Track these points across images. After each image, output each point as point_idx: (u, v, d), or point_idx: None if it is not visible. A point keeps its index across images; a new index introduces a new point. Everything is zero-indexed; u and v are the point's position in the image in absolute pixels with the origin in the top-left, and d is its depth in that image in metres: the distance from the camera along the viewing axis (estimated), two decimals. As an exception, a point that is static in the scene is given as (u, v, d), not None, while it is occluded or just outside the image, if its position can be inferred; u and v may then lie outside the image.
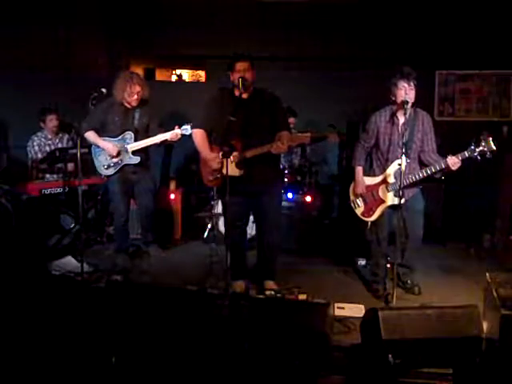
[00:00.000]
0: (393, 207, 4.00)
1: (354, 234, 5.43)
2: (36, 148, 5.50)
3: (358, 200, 4.19)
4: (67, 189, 5.11)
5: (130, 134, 4.63)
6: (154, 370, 2.88)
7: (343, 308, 3.67)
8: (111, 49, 6.75)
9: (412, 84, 3.81)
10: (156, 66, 6.93)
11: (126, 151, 4.62)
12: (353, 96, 6.12)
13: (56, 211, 5.32)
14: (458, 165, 3.71)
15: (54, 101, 5.76)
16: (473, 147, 3.66)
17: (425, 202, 4.09)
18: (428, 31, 6.05)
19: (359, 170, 4.16)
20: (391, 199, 3.97)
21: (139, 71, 7.00)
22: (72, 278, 4.14)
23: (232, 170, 3.62)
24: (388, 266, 4.08)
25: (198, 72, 7.23)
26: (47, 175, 5.26)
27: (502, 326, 2.81)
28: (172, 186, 5.87)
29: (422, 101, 4.06)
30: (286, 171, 5.53)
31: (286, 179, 5.47)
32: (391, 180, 3.97)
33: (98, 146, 4.66)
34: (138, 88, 4.56)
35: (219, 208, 5.37)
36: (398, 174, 3.71)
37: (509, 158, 5.20)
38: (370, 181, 4.13)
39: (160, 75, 7.97)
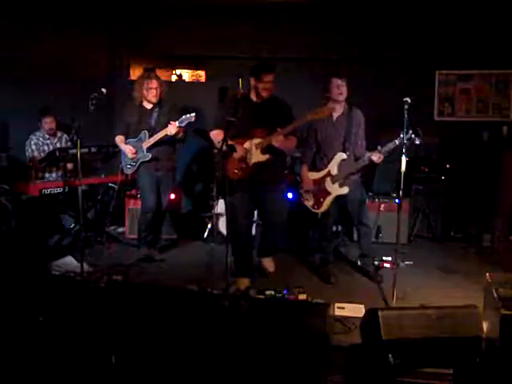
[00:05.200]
0: (338, 198, 4.31)
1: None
2: (33, 147, 5.51)
3: (307, 194, 4.44)
4: (67, 189, 5.11)
5: (144, 133, 4.74)
6: (154, 369, 2.87)
7: (343, 308, 3.67)
8: (111, 49, 6.75)
9: (343, 80, 4.13)
10: (156, 66, 6.93)
11: (141, 149, 4.74)
12: (352, 96, 6.11)
13: (56, 211, 5.32)
14: (381, 159, 4.08)
15: (54, 101, 5.76)
16: (394, 140, 3.98)
17: (365, 193, 4.53)
18: (428, 31, 6.04)
19: (303, 167, 4.48)
20: (336, 190, 4.27)
21: (139, 71, 6.99)
22: (72, 277, 4.14)
23: (258, 156, 3.94)
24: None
25: (197, 72, 7.22)
26: (46, 174, 5.28)
27: (501, 326, 2.81)
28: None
29: (422, 101, 4.08)
30: (286, 171, 5.51)
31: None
32: (334, 172, 4.25)
33: None
34: (155, 83, 4.71)
35: (219, 208, 5.37)
36: (341, 166, 4.18)
37: (508, 158, 5.19)
38: (315, 175, 4.40)
39: (160, 75, 7.94)
